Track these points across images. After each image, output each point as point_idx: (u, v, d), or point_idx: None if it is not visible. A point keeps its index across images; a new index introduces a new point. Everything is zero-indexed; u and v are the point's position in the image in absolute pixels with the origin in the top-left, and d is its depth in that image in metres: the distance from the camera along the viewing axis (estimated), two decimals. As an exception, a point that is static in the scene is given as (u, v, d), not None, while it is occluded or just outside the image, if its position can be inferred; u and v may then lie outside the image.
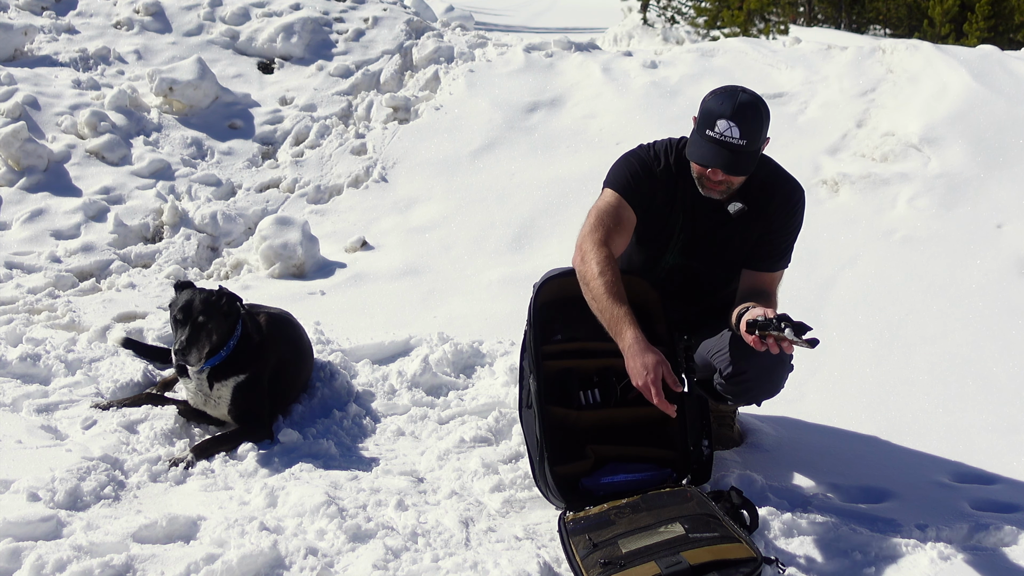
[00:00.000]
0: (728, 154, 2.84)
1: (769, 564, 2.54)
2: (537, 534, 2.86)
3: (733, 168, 2.87)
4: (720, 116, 2.83)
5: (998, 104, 6.01)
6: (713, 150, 2.85)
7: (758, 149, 2.90)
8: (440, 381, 3.97)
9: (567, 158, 6.28)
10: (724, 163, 2.86)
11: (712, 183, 2.94)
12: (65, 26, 7.47)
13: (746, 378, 2.97)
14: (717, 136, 2.84)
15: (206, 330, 3.34)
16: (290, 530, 2.77)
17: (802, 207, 3.10)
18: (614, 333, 2.81)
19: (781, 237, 3.09)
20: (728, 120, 2.82)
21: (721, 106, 2.85)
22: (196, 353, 3.32)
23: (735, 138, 2.82)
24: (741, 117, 2.82)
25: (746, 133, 2.82)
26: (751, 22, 22.91)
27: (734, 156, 2.84)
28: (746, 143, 2.83)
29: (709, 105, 2.89)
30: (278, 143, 6.74)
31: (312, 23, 7.84)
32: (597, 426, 3.08)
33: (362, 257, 5.52)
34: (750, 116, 2.83)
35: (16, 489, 2.89)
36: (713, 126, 2.84)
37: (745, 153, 2.85)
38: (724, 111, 2.83)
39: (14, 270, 5.10)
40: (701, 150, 2.89)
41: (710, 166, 2.88)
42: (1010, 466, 3.41)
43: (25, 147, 5.90)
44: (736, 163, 2.86)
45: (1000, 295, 4.61)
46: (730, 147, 2.83)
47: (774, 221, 3.06)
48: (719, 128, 2.83)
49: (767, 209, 3.04)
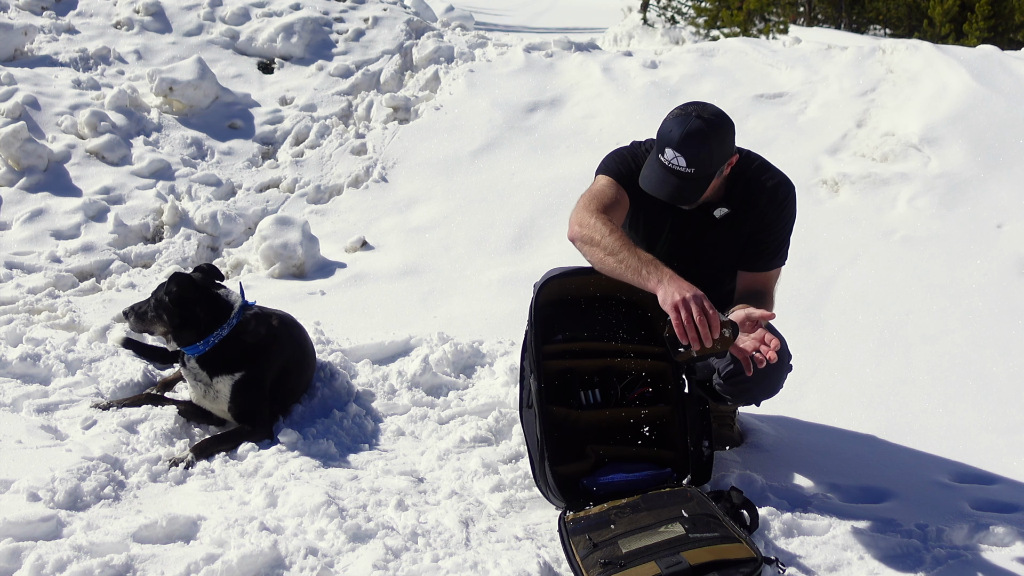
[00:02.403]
0: (675, 182, 2.83)
1: (769, 564, 2.54)
2: (537, 534, 2.86)
3: (678, 198, 2.88)
4: (668, 144, 2.83)
5: (998, 104, 6.01)
6: (660, 177, 2.86)
7: (710, 174, 2.87)
8: (440, 381, 3.97)
9: (567, 158, 6.28)
10: (668, 193, 2.86)
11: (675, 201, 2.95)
12: (65, 26, 7.47)
13: (744, 378, 2.97)
14: (666, 163, 2.84)
15: (153, 310, 3.52)
16: (290, 530, 2.77)
17: (791, 202, 3.07)
18: (644, 276, 2.66)
19: (772, 235, 3.07)
20: (675, 150, 2.81)
21: (670, 133, 2.84)
22: (134, 322, 3.57)
23: (681, 167, 2.81)
24: (687, 146, 2.79)
25: (693, 162, 2.80)
26: (751, 22, 22.92)
27: (682, 183, 2.83)
28: (695, 171, 2.82)
29: (663, 129, 2.88)
30: (278, 143, 6.74)
31: (312, 23, 7.84)
32: (597, 426, 3.08)
33: (362, 257, 5.52)
34: (696, 143, 2.80)
35: (16, 489, 2.89)
36: (663, 152, 2.85)
37: (693, 180, 2.84)
38: (672, 139, 2.82)
39: (14, 270, 5.10)
40: (651, 178, 2.89)
41: (655, 195, 2.89)
42: (1010, 466, 3.41)
43: (25, 147, 5.90)
44: (683, 191, 2.85)
45: (1000, 295, 4.61)
46: (678, 175, 2.83)
47: (763, 220, 3.04)
48: (667, 156, 2.83)
49: (754, 209, 3.03)
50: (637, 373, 3.13)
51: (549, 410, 2.97)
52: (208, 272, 3.63)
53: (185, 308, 3.46)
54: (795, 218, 3.11)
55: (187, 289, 3.46)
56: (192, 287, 3.48)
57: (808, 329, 4.38)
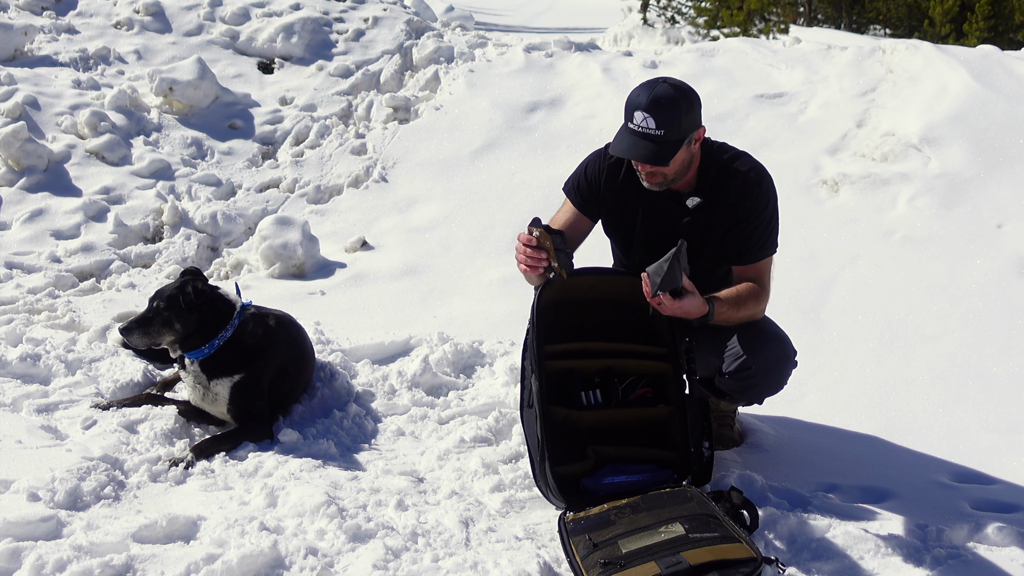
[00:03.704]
0: (646, 144, 2.86)
1: (769, 564, 2.54)
2: (537, 534, 2.86)
3: (652, 158, 2.88)
4: (636, 108, 2.87)
5: (998, 104, 6.00)
6: (630, 141, 2.89)
7: (680, 139, 2.89)
8: (440, 381, 3.97)
9: (567, 158, 6.27)
10: (640, 154, 2.88)
11: (645, 175, 2.97)
12: (65, 26, 7.47)
13: (751, 374, 2.98)
14: (636, 128, 2.87)
15: (162, 318, 3.41)
16: (290, 530, 2.77)
17: (764, 189, 3.04)
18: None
19: (751, 225, 3.03)
20: (643, 111, 2.85)
21: (638, 98, 2.89)
22: (139, 336, 3.43)
23: (651, 129, 2.84)
24: (656, 107, 2.84)
25: (663, 123, 2.84)
26: (751, 22, 22.90)
27: (653, 146, 2.86)
28: (664, 132, 2.84)
29: (629, 98, 2.93)
30: (278, 143, 6.74)
31: (312, 23, 7.84)
32: (598, 427, 3.08)
33: (362, 257, 5.52)
34: (665, 105, 2.84)
35: (16, 489, 2.89)
36: (632, 118, 2.88)
37: (664, 142, 2.86)
38: (640, 102, 2.87)
39: (14, 270, 5.10)
40: (621, 143, 2.92)
41: (627, 157, 2.93)
42: (1010, 466, 3.41)
43: (25, 147, 5.90)
44: (655, 153, 2.87)
45: (1000, 295, 4.61)
46: (648, 137, 2.86)
47: (738, 210, 3.02)
48: (636, 120, 2.87)
49: (726, 198, 3.02)
50: (638, 374, 3.13)
51: (550, 410, 2.97)
52: (196, 276, 3.60)
53: (200, 311, 3.44)
54: (775, 204, 3.08)
55: (204, 291, 3.46)
56: (207, 288, 3.49)
57: (808, 329, 4.37)
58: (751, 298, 2.99)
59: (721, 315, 2.90)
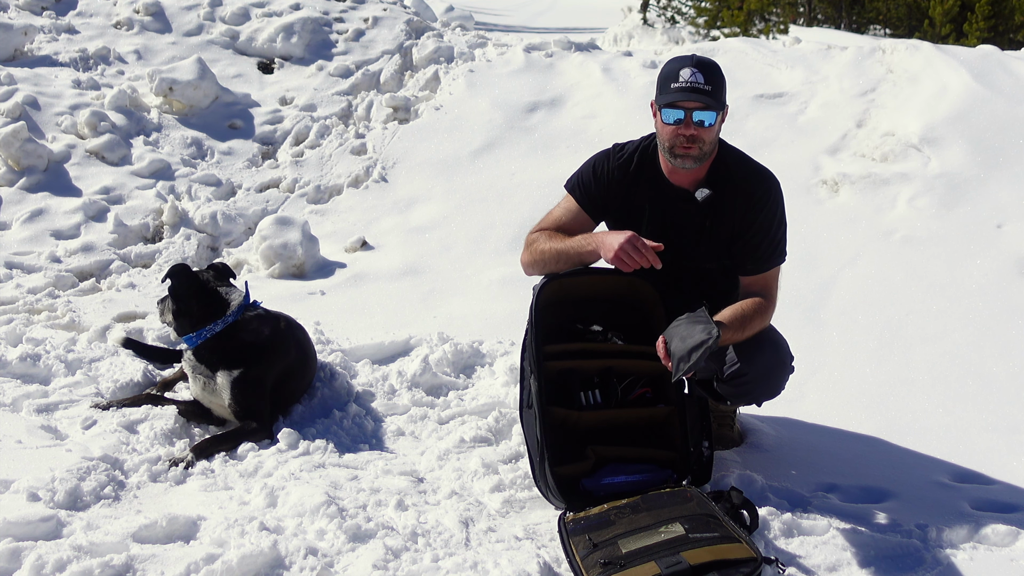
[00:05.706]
0: (698, 96, 2.89)
1: (769, 564, 2.54)
2: (537, 534, 2.86)
3: (707, 105, 2.89)
4: (682, 66, 2.92)
5: (998, 104, 6.00)
6: (684, 95, 2.90)
7: (722, 102, 2.95)
8: (440, 381, 3.97)
9: (567, 158, 6.27)
10: (697, 101, 2.88)
11: (685, 143, 2.92)
12: (65, 26, 7.47)
13: (746, 380, 2.97)
14: (684, 84, 2.90)
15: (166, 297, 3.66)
16: (290, 530, 2.77)
17: (773, 198, 3.04)
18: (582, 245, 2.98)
19: (758, 235, 3.02)
20: (691, 68, 2.90)
21: (679, 61, 2.95)
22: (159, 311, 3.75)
23: (700, 83, 2.89)
24: (703, 66, 2.93)
25: (710, 80, 2.90)
26: (751, 22, 22.88)
27: (705, 97, 2.89)
28: (711, 88, 2.90)
29: (667, 67, 2.98)
30: (278, 143, 6.74)
31: (312, 23, 7.84)
32: (598, 427, 3.08)
33: (362, 257, 5.52)
34: (709, 65, 2.94)
35: (16, 489, 2.89)
36: (677, 78, 2.91)
37: (713, 97, 2.90)
38: (684, 62, 2.93)
39: (14, 270, 5.10)
40: (673, 99, 2.92)
41: (684, 102, 2.89)
42: (1010, 466, 3.41)
43: (25, 147, 5.90)
44: (707, 104, 2.90)
45: (1000, 295, 4.61)
46: (698, 90, 2.89)
47: (744, 219, 3.02)
48: (683, 77, 2.90)
49: (733, 203, 3.01)
50: (637, 374, 3.13)
51: (549, 411, 2.97)
52: (221, 271, 3.70)
53: (179, 299, 3.55)
54: (783, 211, 3.07)
55: (182, 281, 3.55)
56: (187, 280, 3.56)
57: (808, 329, 4.37)
58: (756, 316, 2.96)
59: (726, 341, 2.88)
